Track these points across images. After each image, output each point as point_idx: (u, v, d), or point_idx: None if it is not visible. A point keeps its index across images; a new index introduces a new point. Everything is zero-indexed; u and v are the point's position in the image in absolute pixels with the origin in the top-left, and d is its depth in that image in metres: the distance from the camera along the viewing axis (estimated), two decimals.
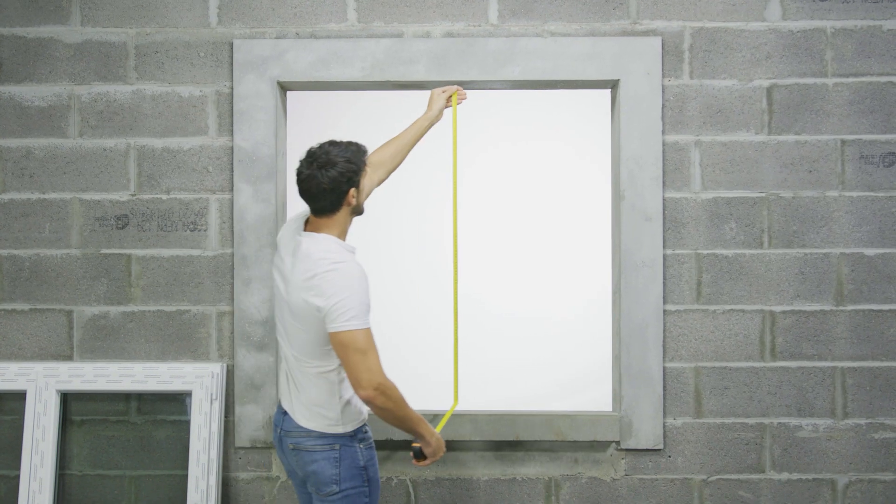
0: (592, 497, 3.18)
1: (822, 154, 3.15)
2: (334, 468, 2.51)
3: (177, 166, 3.19)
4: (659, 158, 3.13)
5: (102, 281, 3.20)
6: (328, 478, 2.51)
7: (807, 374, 3.15)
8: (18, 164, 3.20)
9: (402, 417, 2.49)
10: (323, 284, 2.41)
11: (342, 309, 2.38)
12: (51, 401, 3.14)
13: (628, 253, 3.15)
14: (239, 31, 3.19)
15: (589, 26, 3.17)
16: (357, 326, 2.39)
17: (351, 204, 2.55)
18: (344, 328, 2.38)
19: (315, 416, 2.53)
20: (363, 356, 2.39)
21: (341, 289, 2.40)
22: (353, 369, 2.40)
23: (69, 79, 3.20)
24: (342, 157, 2.49)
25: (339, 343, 2.40)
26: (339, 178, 2.47)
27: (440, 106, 3.05)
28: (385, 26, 3.18)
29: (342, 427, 2.53)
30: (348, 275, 2.43)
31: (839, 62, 3.14)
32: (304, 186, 2.51)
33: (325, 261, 2.44)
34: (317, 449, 2.52)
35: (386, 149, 2.93)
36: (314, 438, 2.53)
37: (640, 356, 3.14)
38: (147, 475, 3.21)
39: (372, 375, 2.39)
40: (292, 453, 2.58)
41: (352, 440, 2.55)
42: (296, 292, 2.47)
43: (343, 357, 2.42)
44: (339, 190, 2.49)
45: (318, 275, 2.42)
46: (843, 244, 3.14)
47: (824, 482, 3.16)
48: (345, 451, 2.53)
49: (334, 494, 2.51)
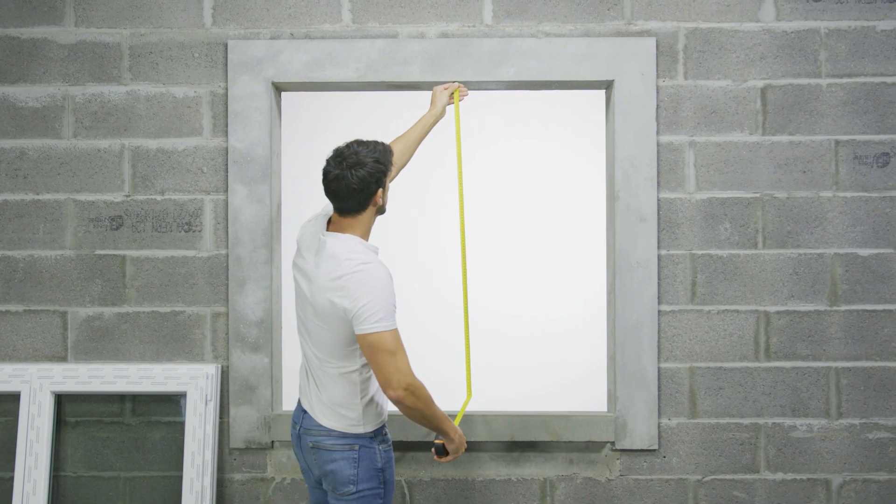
0: (587, 497, 3.19)
1: (816, 154, 3.15)
2: (352, 468, 2.51)
3: (171, 167, 3.19)
4: (653, 159, 3.14)
5: (97, 282, 3.20)
6: (346, 478, 2.51)
7: (801, 374, 3.16)
8: (12, 164, 3.20)
9: (430, 416, 2.49)
10: (350, 285, 2.40)
11: (370, 310, 2.38)
12: (45, 402, 3.14)
13: (623, 253, 3.15)
14: (233, 32, 3.18)
15: (583, 27, 3.17)
16: (385, 328, 2.38)
17: (377, 204, 2.55)
18: (372, 330, 2.38)
19: (336, 416, 2.54)
20: (392, 357, 2.39)
21: (368, 290, 2.39)
22: (383, 370, 2.40)
23: (63, 79, 3.19)
24: (371, 157, 2.49)
25: (367, 345, 2.40)
26: (369, 178, 2.47)
27: (443, 102, 3.06)
28: (379, 27, 3.18)
29: (363, 427, 2.53)
30: (375, 276, 2.43)
31: (833, 63, 3.15)
32: (332, 186, 2.51)
33: (352, 261, 2.43)
34: (336, 448, 2.53)
35: (395, 146, 2.92)
36: (334, 438, 2.53)
37: (634, 356, 3.14)
38: (142, 476, 3.21)
39: (402, 376, 2.39)
40: (311, 451, 2.58)
41: (371, 441, 2.55)
42: (321, 293, 2.47)
43: (372, 358, 2.41)
44: (367, 190, 2.49)
45: (344, 275, 2.42)
46: (837, 244, 3.15)
47: (819, 482, 3.17)
48: (364, 452, 2.53)
49: (351, 495, 2.51)
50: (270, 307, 3.17)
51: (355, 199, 2.49)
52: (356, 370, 2.52)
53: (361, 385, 2.53)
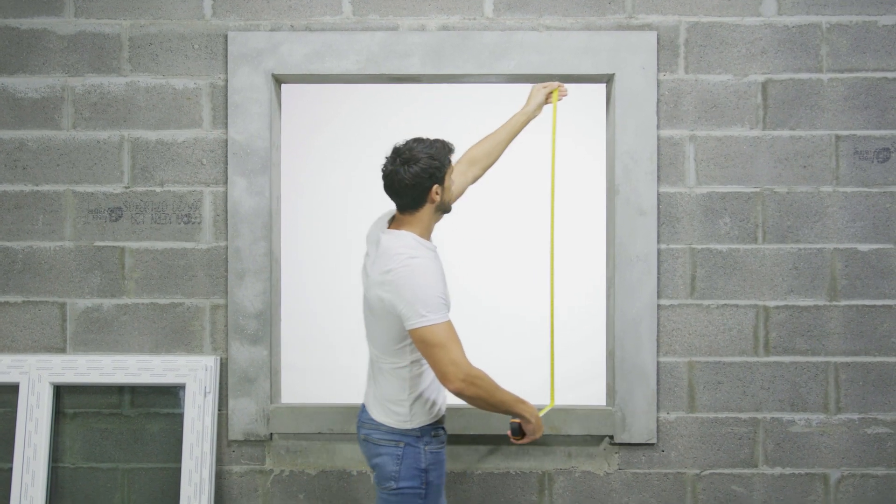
0: (586, 491, 3.19)
1: (816, 149, 3.15)
2: (395, 465, 2.53)
3: (171, 159, 3.19)
4: (654, 153, 3.13)
5: (96, 273, 3.19)
6: (388, 473, 2.53)
7: (800, 368, 3.16)
8: (11, 155, 3.19)
9: (496, 403, 2.50)
10: (397, 280, 2.41)
11: (417, 305, 2.38)
12: (44, 393, 3.14)
13: (622, 247, 3.15)
14: (233, 24, 3.18)
15: (584, 20, 3.16)
16: (434, 321, 2.38)
17: (435, 201, 2.53)
18: (421, 324, 2.38)
19: (386, 411, 2.56)
20: (444, 350, 2.38)
21: (414, 285, 2.40)
22: (438, 364, 2.40)
23: (63, 70, 3.18)
24: (425, 153, 2.48)
25: (419, 340, 2.40)
26: (422, 174, 2.46)
27: (538, 101, 3.00)
28: (380, 19, 3.17)
29: (410, 423, 2.54)
30: (421, 270, 2.43)
31: (834, 57, 3.14)
32: (387, 182, 2.51)
33: (400, 256, 2.44)
34: (382, 443, 2.55)
35: (480, 146, 2.92)
36: (382, 433, 2.56)
37: (633, 350, 3.15)
38: (140, 468, 3.21)
39: (457, 368, 2.39)
40: (363, 443, 2.63)
41: (417, 440, 2.55)
42: (371, 288, 2.50)
43: (425, 353, 2.42)
44: (421, 186, 2.48)
45: (392, 270, 2.43)
46: (836, 239, 3.15)
47: (817, 476, 3.17)
48: (408, 451, 2.54)
49: (391, 490, 2.53)
50: (270, 299, 3.17)
51: (409, 195, 2.49)
52: (406, 366, 2.53)
53: (411, 381, 2.54)
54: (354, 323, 4.95)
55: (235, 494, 3.20)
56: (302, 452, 3.21)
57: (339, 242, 5.00)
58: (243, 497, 3.20)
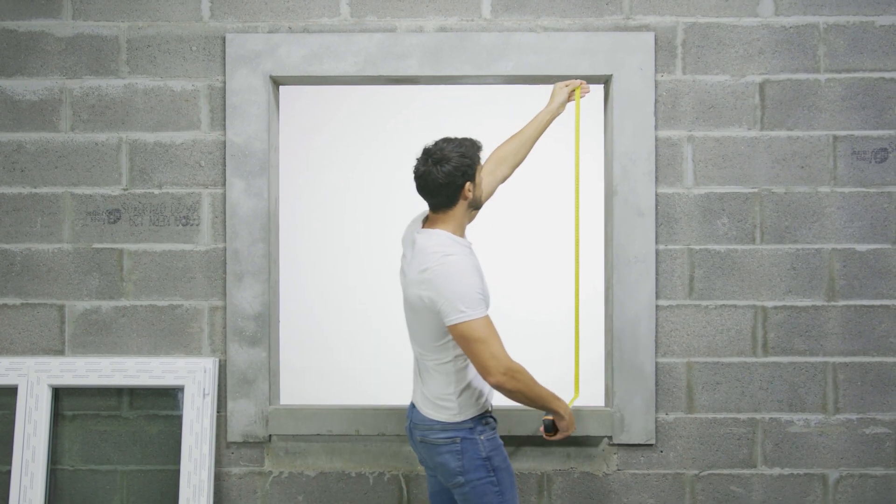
0: (584, 492, 3.19)
1: (814, 150, 3.15)
2: (457, 461, 2.54)
3: (169, 161, 3.19)
4: (652, 153, 3.14)
5: (94, 275, 3.19)
6: (453, 470, 2.55)
7: (798, 369, 3.16)
8: (9, 158, 3.19)
9: (534, 397, 2.54)
10: (434, 278, 2.45)
11: (455, 301, 2.41)
12: (42, 395, 3.13)
13: (621, 248, 3.15)
14: (231, 26, 3.18)
15: (582, 21, 3.17)
16: (473, 316, 2.41)
17: (467, 198, 2.57)
18: (459, 320, 2.41)
19: (436, 408, 2.58)
20: (484, 344, 2.42)
21: (452, 281, 2.43)
22: (478, 358, 2.43)
23: (61, 73, 3.18)
24: (456, 152, 2.52)
25: (458, 335, 2.44)
26: (454, 172, 2.50)
27: (561, 100, 3.03)
28: (378, 21, 3.17)
29: (461, 415, 2.56)
30: (458, 266, 2.46)
31: (831, 58, 3.15)
32: (420, 182, 2.55)
33: (436, 254, 2.48)
34: (440, 442, 2.57)
35: (507, 145, 2.94)
36: (437, 431, 2.57)
37: (632, 351, 3.15)
38: (139, 470, 3.21)
39: (498, 362, 2.42)
40: (421, 446, 2.64)
41: (472, 432, 2.57)
42: (410, 287, 2.53)
43: (466, 348, 2.45)
44: (454, 184, 2.51)
45: (429, 268, 2.46)
46: (834, 240, 3.15)
47: (815, 477, 3.17)
48: (466, 444, 2.55)
49: (462, 486, 2.55)
50: (268, 301, 3.17)
51: (443, 193, 2.53)
52: (450, 361, 2.56)
53: (456, 376, 2.56)
54: (353, 324, 4.98)
55: (234, 496, 3.20)
56: (301, 454, 3.21)
57: (338, 244, 5.00)
58: (242, 499, 3.20)
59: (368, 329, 4.93)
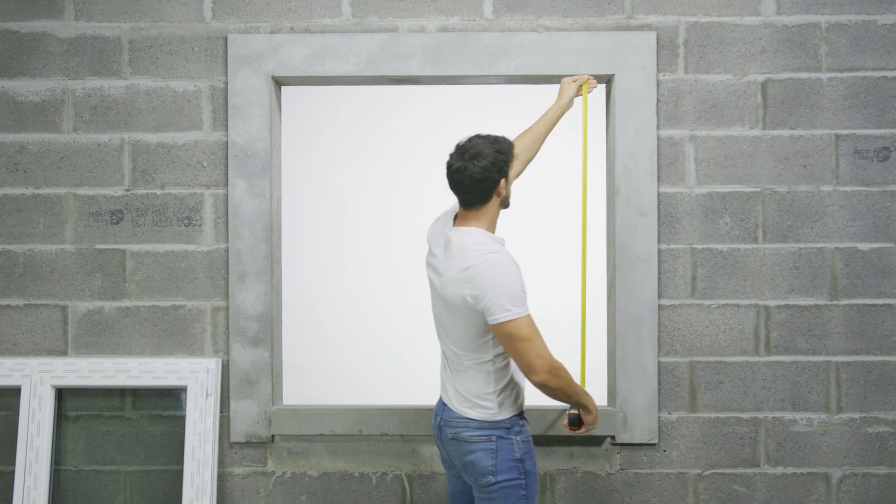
0: (587, 491, 3.19)
1: (816, 149, 3.15)
2: (490, 459, 2.52)
3: (171, 161, 3.19)
4: (654, 153, 3.14)
5: (97, 276, 3.20)
6: (485, 468, 2.52)
7: (801, 368, 3.16)
8: (12, 159, 3.20)
9: (571, 393, 2.54)
10: (478, 276, 2.42)
11: (501, 299, 2.39)
12: (46, 396, 3.14)
13: (623, 248, 3.15)
14: (233, 26, 3.18)
15: (584, 21, 3.17)
16: (519, 315, 2.40)
17: (500, 195, 2.56)
18: (505, 318, 2.39)
19: (474, 406, 2.55)
20: (530, 343, 2.41)
21: (497, 279, 2.41)
22: (524, 357, 2.42)
23: (63, 73, 3.19)
24: (492, 148, 2.51)
25: (504, 334, 2.42)
26: (490, 168, 2.49)
27: (570, 95, 3.03)
28: (379, 21, 3.17)
29: (500, 415, 2.54)
30: (502, 265, 2.44)
31: (833, 57, 3.14)
32: (455, 178, 2.52)
33: (479, 252, 2.45)
34: (474, 440, 2.54)
35: (521, 140, 2.93)
36: (472, 429, 2.55)
37: (634, 351, 3.15)
38: (142, 470, 3.21)
39: (543, 361, 2.42)
40: (451, 443, 2.60)
41: (508, 432, 2.55)
42: (451, 286, 2.49)
43: (510, 347, 2.43)
44: (490, 180, 2.50)
45: (472, 267, 2.43)
46: (837, 239, 3.15)
47: (818, 476, 3.17)
48: (501, 443, 2.54)
49: (492, 486, 2.52)
50: (271, 301, 3.17)
51: (478, 189, 2.51)
52: (490, 360, 2.54)
53: (496, 375, 2.55)
54: (355, 324, 4.98)
55: (237, 496, 3.20)
56: (304, 454, 3.21)
57: (340, 244, 5.01)
58: (245, 499, 3.20)
59: (371, 329, 4.94)
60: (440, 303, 2.58)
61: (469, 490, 2.69)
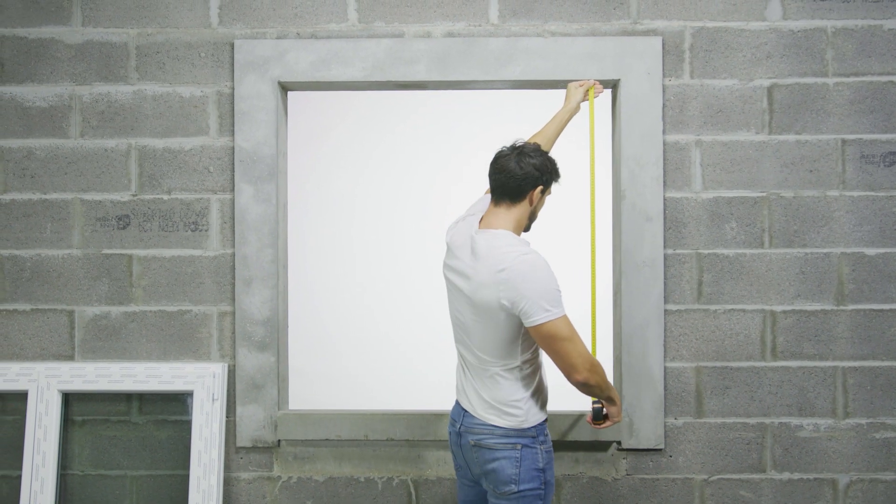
0: (593, 497, 3.18)
1: (822, 154, 3.15)
2: (514, 468, 2.50)
3: (178, 166, 3.20)
4: (660, 158, 3.14)
5: (104, 281, 3.21)
6: (507, 477, 2.50)
7: (808, 373, 3.15)
8: (20, 164, 3.21)
9: (606, 387, 2.54)
10: (514, 278, 2.39)
11: (540, 300, 2.37)
12: (52, 401, 3.15)
13: (629, 253, 3.15)
14: (240, 32, 3.19)
15: (589, 26, 3.17)
16: (557, 315, 2.39)
17: (532, 203, 2.56)
18: (546, 319, 2.37)
19: (500, 413, 2.52)
20: (571, 343, 2.40)
21: (533, 280, 2.39)
22: (566, 357, 2.41)
23: (70, 79, 3.20)
24: (541, 157, 2.54)
25: (543, 335, 2.40)
26: (534, 169, 2.51)
27: (578, 99, 3.04)
28: (386, 26, 3.18)
29: (527, 422, 2.52)
30: (537, 265, 2.42)
31: (840, 62, 3.14)
32: (500, 163, 2.54)
33: (512, 254, 2.42)
34: (499, 447, 2.51)
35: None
36: (497, 437, 2.52)
37: (640, 356, 3.14)
38: (148, 475, 3.22)
39: (584, 359, 2.42)
40: (472, 450, 2.57)
41: (533, 441, 2.53)
42: (483, 289, 2.44)
43: (550, 348, 2.41)
44: (529, 178, 2.51)
45: (507, 268, 2.40)
46: (843, 244, 3.14)
47: (825, 482, 3.16)
48: (526, 452, 2.51)
49: (512, 494, 2.50)
50: (277, 306, 3.18)
51: (516, 182, 2.51)
52: (518, 366, 2.51)
53: (524, 380, 2.53)
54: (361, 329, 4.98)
55: (243, 501, 3.21)
56: (310, 459, 3.21)
57: (346, 248, 5.01)
58: (251, 503, 3.21)
59: (377, 334, 4.94)
60: (467, 308, 2.51)
61: (482, 500, 2.67)
